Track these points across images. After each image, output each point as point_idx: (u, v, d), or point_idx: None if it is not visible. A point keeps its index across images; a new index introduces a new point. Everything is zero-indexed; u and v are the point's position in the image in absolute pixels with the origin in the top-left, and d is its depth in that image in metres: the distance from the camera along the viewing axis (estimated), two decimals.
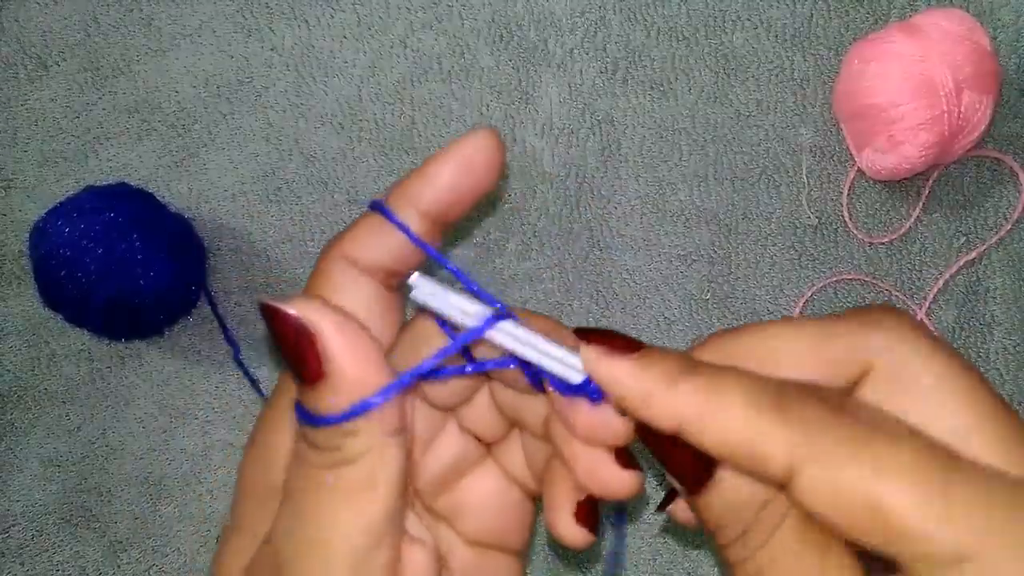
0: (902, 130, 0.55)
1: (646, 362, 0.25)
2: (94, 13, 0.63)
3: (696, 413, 0.24)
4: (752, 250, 0.61)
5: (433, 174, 0.29)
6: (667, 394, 0.25)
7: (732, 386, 0.24)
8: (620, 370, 0.25)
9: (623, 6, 0.62)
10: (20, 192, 0.63)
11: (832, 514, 0.23)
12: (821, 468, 0.23)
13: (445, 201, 0.29)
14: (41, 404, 0.62)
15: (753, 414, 0.24)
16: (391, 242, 0.28)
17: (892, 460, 0.23)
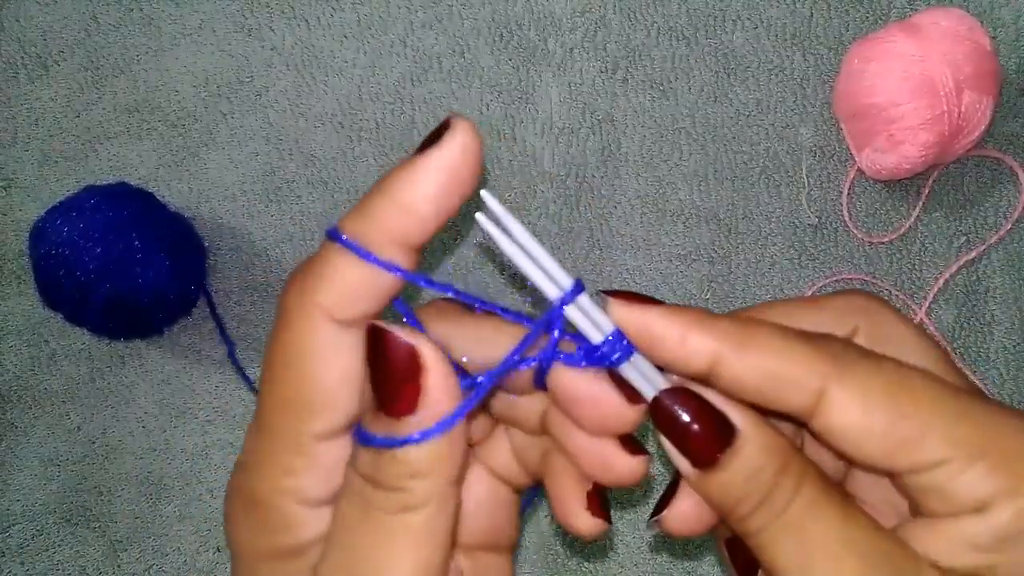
0: (902, 130, 0.55)
1: (676, 309, 0.26)
2: (94, 13, 0.63)
3: (732, 344, 0.25)
4: (752, 250, 0.61)
5: (412, 198, 0.24)
6: (703, 329, 0.25)
7: (762, 323, 0.26)
8: (653, 314, 0.26)
9: (623, 6, 0.62)
10: (20, 191, 0.63)
11: (859, 432, 0.25)
12: (850, 386, 0.24)
13: (431, 229, 0.24)
14: (41, 404, 0.62)
15: (783, 341, 0.25)
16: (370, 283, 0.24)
17: (910, 381, 0.25)
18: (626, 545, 0.60)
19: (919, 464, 0.24)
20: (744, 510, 0.26)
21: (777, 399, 0.25)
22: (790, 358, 0.25)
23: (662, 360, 0.26)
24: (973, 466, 0.24)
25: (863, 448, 0.25)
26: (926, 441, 0.24)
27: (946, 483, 0.24)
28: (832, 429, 0.25)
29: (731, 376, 0.25)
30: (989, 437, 0.24)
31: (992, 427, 0.25)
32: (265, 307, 0.62)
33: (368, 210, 0.24)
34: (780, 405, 0.25)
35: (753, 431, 0.26)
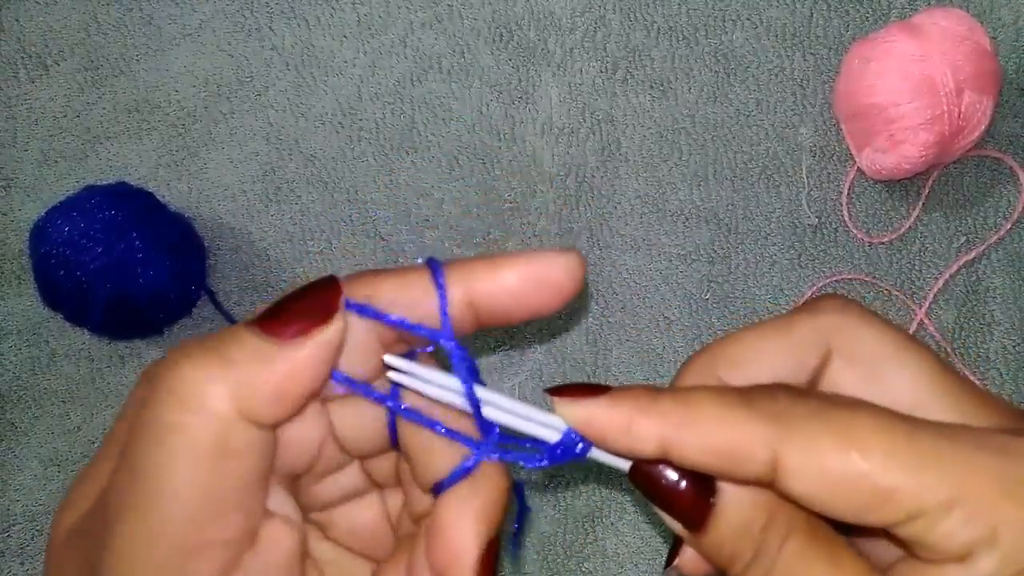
0: (902, 130, 0.55)
1: (618, 397, 0.26)
2: (94, 12, 0.63)
3: (675, 426, 0.25)
4: (752, 250, 0.61)
5: (499, 270, 0.26)
6: (645, 417, 0.25)
7: (701, 396, 0.25)
8: (596, 408, 0.26)
9: (623, 6, 0.62)
10: (20, 191, 0.63)
11: (821, 495, 0.24)
12: (800, 449, 0.24)
13: (498, 305, 0.27)
14: (41, 404, 0.62)
15: (725, 413, 0.25)
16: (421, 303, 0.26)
17: (861, 428, 0.24)
18: (626, 545, 0.60)
19: (891, 520, 0.24)
20: (738, 567, 0.26)
21: (733, 473, 0.25)
22: (733, 430, 0.25)
23: (615, 451, 0.26)
24: (948, 515, 0.23)
25: (832, 510, 0.24)
26: (893, 496, 0.23)
27: (924, 535, 0.24)
28: (795, 495, 0.24)
29: (682, 457, 0.25)
30: (958, 480, 0.23)
31: (960, 468, 0.24)
32: None
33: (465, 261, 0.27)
34: (739, 477, 0.25)
35: (733, 491, 0.26)
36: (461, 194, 0.62)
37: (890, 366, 0.27)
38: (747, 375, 0.29)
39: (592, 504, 0.60)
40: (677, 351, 0.61)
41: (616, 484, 0.60)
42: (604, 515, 0.60)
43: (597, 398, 0.26)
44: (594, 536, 0.60)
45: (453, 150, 0.62)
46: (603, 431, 0.26)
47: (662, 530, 0.60)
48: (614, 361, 0.61)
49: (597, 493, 0.60)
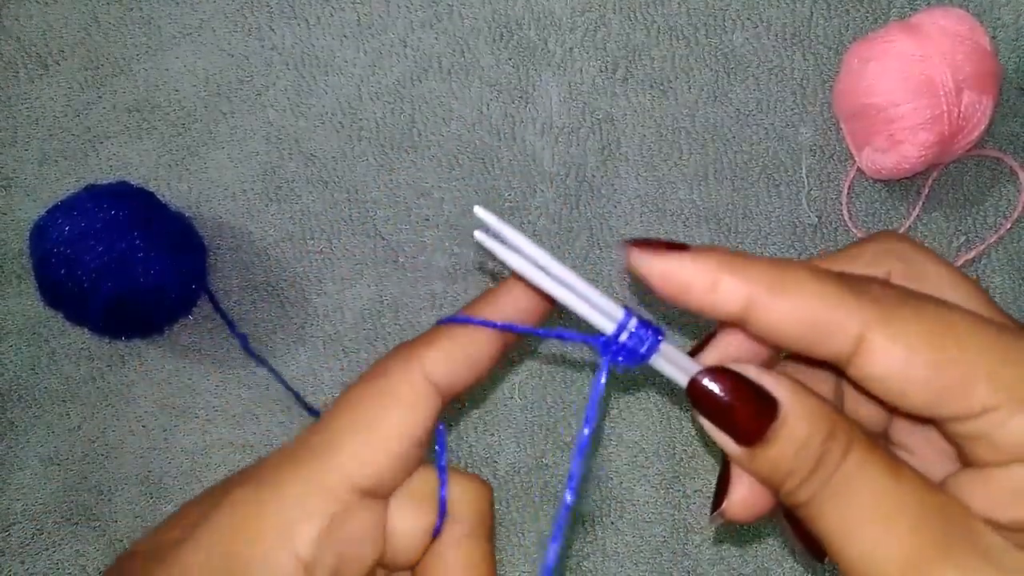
0: (902, 129, 0.55)
1: (703, 253, 0.25)
2: (94, 12, 0.63)
3: (766, 289, 0.24)
4: (752, 249, 0.61)
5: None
6: (735, 273, 0.24)
7: (799, 266, 0.25)
8: (679, 262, 0.25)
9: (623, 5, 0.62)
10: (20, 191, 0.63)
11: (902, 377, 0.23)
12: (890, 330, 0.23)
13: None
14: (41, 403, 0.62)
15: (823, 287, 0.24)
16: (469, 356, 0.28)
17: (955, 320, 0.24)
18: (626, 545, 0.60)
19: (965, 411, 0.23)
20: (795, 482, 0.25)
21: (815, 345, 0.24)
22: (828, 302, 0.24)
23: (693, 308, 0.25)
24: (1023, 412, 0.23)
25: (906, 395, 0.24)
26: (972, 387, 0.23)
27: (994, 431, 0.23)
28: (873, 376, 0.24)
29: (766, 322, 0.24)
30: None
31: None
32: (265, 307, 0.62)
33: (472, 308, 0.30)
34: (818, 351, 0.25)
35: (795, 401, 0.25)
36: (461, 194, 0.62)
37: (950, 295, 0.27)
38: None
39: (592, 504, 0.60)
40: None
41: (616, 482, 0.60)
42: (604, 515, 0.60)
43: (680, 252, 0.25)
44: (594, 536, 0.60)
45: (453, 150, 0.62)
46: (686, 284, 0.25)
47: (662, 529, 0.60)
48: None
49: (597, 493, 0.60)
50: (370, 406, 0.26)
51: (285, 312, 0.62)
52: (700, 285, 0.25)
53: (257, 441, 0.62)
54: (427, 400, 0.27)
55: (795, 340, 0.24)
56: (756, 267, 0.24)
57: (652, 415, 0.60)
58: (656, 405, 0.60)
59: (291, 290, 0.62)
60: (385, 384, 0.27)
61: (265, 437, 0.62)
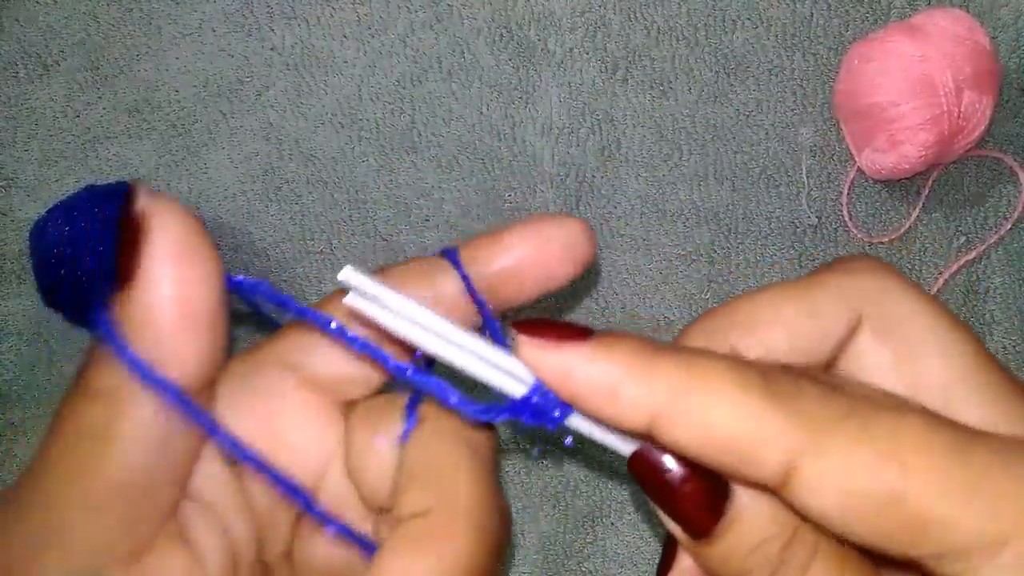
0: (902, 130, 0.55)
1: (605, 347, 0.21)
2: (94, 12, 0.63)
3: (674, 400, 0.20)
4: (752, 250, 0.61)
5: (504, 241, 0.25)
6: (637, 381, 0.20)
7: (715, 367, 0.20)
8: (575, 359, 0.20)
9: (623, 6, 0.62)
10: (20, 191, 0.63)
11: (842, 514, 0.20)
12: (826, 460, 0.19)
13: (507, 272, 0.24)
14: (41, 404, 0.62)
15: (743, 400, 0.20)
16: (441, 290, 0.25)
17: (904, 442, 0.20)
18: (626, 545, 0.60)
19: (927, 553, 0.20)
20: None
21: (735, 472, 0.20)
22: (748, 422, 0.20)
23: (592, 414, 0.21)
24: (998, 556, 0.19)
25: (853, 533, 0.20)
26: (933, 526, 0.19)
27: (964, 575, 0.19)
28: (808, 510, 0.20)
29: (674, 441, 0.20)
30: (1013, 515, 0.19)
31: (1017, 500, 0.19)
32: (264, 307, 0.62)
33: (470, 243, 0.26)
34: (740, 476, 0.21)
35: (753, 496, 0.22)
36: (461, 194, 0.62)
37: (926, 346, 0.23)
38: (763, 342, 0.24)
39: (592, 504, 0.60)
40: None
41: (617, 480, 0.60)
42: (604, 515, 0.60)
43: (577, 345, 0.20)
44: (594, 536, 0.60)
45: (453, 150, 0.62)
46: (582, 391, 0.20)
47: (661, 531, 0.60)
48: None
49: (597, 492, 0.60)
50: None
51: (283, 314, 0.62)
52: (597, 392, 0.20)
53: None
54: None
55: (713, 463, 0.21)
56: (664, 370, 0.20)
57: None
58: None
59: (291, 290, 0.62)
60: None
61: None
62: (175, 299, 0.21)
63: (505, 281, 0.25)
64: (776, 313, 0.24)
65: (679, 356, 0.21)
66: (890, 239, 0.61)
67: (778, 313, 0.24)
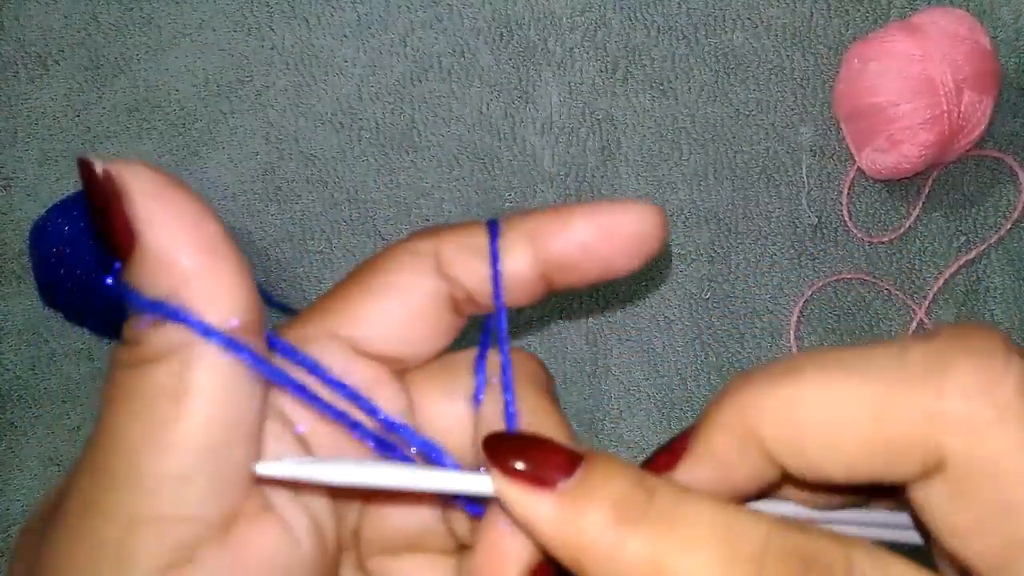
0: (902, 129, 0.55)
1: (580, 499, 0.18)
2: (94, 12, 0.63)
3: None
4: (752, 250, 0.61)
5: (571, 222, 0.22)
6: (608, 554, 0.18)
7: (701, 537, 0.18)
8: (543, 513, 0.19)
9: (623, 5, 0.62)
10: (20, 191, 0.63)
11: None
12: None
13: (569, 258, 0.22)
14: (41, 404, 0.62)
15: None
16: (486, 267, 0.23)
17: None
18: None
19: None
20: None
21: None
22: None
23: None
24: None
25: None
26: None
27: None
28: None
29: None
30: None
31: None
32: (264, 307, 0.62)
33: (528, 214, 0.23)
34: None
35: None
36: (461, 194, 0.62)
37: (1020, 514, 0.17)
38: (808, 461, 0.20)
39: None
40: (677, 351, 0.61)
41: None
42: None
43: (543, 494, 0.19)
44: None
45: (453, 150, 0.62)
46: (545, 545, 0.19)
47: None
48: (614, 361, 0.61)
49: None
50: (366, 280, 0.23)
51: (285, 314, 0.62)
52: (559, 554, 0.19)
53: None
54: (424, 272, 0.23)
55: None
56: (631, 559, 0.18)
57: (652, 415, 0.60)
58: (656, 405, 0.60)
59: (291, 290, 0.62)
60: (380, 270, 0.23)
61: None
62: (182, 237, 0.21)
63: (561, 266, 0.23)
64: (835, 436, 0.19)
65: (651, 538, 0.18)
66: (890, 239, 0.61)
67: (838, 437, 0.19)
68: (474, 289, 0.23)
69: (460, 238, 0.23)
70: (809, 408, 0.19)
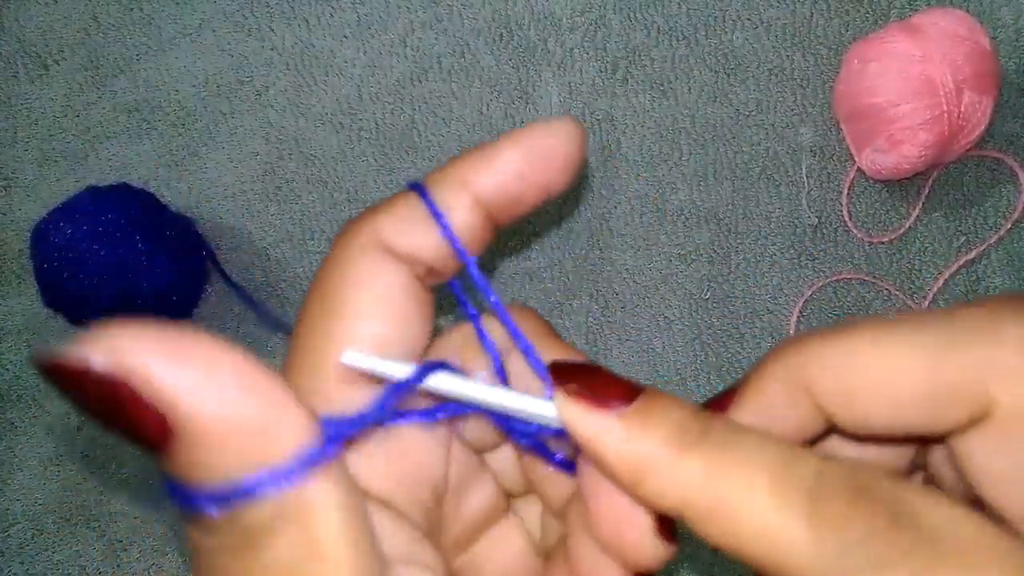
0: (902, 130, 0.55)
1: (642, 421, 0.19)
2: (94, 12, 0.63)
3: (702, 508, 0.19)
4: (752, 250, 0.61)
5: (498, 157, 0.22)
6: (668, 471, 0.19)
7: (758, 475, 0.18)
8: (609, 431, 0.19)
9: (623, 6, 0.62)
10: (20, 191, 0.63)
11: None
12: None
13: (508, 191, 0.22)
14: (41, 404, 0.62)
15: (780, 525, 0.18)
16: (435, 232, 0.22)
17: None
18: None
19: None
20: None
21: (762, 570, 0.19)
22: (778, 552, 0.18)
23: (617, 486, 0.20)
24: None
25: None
26: None
27: None
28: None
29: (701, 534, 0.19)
30: None
31: None
32: (265, 307, 0.62)
33: (453, 162, 0.23)
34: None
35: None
36: None
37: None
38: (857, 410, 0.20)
39: None
40: (677, 351, 0.61)
41: None
42: None
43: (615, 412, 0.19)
44: None
45: (453, 150, 0.62)
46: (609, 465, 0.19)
47: None
48: (614, 361, 0.61)
49: None
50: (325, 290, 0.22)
51: (285, 312, 0.62)
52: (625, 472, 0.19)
53: None
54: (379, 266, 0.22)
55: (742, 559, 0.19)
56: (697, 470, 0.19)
57: None
58: None
59: (291, 290, 0.62)
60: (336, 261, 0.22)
61: None
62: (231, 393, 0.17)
63: (502, 201, 0.22)
64: (887, 383, 0.20)
65: (717, 452, 0.19)
66: (890, 239, 0.61)
67: (890, 384, 0.20)
68: (431, 258, 0.22)
69: (394, 213, 0.22)
70: (864, 358, 0.20)
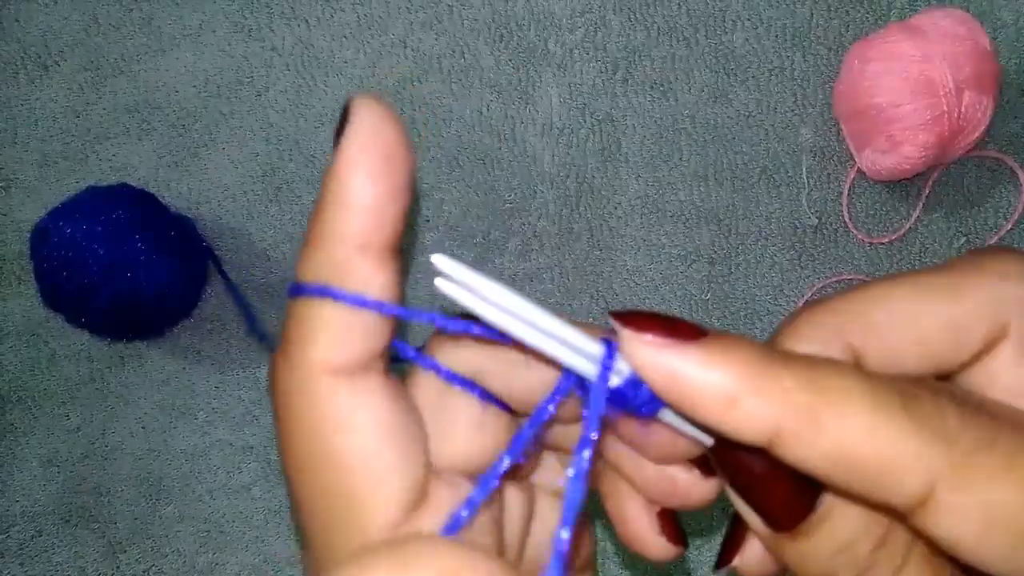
0: (902, 130, 0.55)
1: (722, 350, 0.19)
2: (94, 13, 0.63)
3: (803, 419, 0.18)
4: (752, 250, 0.61)
5: (348, 192, 0.21)
6: (760, 393, 0.18)
7: (847, 383, 0.18)
8: (686, 363, 0.19)
9: (623, 6, 0.62)
10: (20, 192, 0.63)
11: (977, 546, 0.18)
12: (969, 491, 0.18)
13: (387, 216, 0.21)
14: (41, 404, 0.62)
15: (880, 421, 0.18)
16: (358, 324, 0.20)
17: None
18: None
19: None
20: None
21: (868, 496, 0.19)
22: (887, 446, 0.18)
23: (700, 422, 0.19)
24: None
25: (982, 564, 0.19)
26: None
27: None
28: (936, 538, 0.19)
29: (801, 460, 0.19)
30: None
31: None
32: (265, 307, 0.62)
33: (314, 241, 0.21)
34: (863, 498, 0.19)
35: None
36: (461, 194, 0.62)
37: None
38: (887, 346, 0.21)
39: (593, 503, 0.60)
40: None
41: None
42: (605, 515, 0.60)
43: (686, 346, 0.19)
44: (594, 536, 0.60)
45: (453, 151, 0.62)
46: (694, 398, 0.19)
47: None
48: None
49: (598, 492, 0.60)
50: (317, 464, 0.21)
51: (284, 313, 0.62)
52: (712, 402, 0.19)
53: (257, 443, 0.62)
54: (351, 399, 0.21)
55: (843, 487, 0.19)
56: (790, 383, 0.18)
57: None
58: None
59: None
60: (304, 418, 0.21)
61: (265, 438, 0.61)
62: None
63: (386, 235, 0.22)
64: (913, 319, 0.21)
65: (805, 368, 0.19)
66: (890, 239, 0.61)
67: (915, 320, 0.21)
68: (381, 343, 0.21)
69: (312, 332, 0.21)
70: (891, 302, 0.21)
